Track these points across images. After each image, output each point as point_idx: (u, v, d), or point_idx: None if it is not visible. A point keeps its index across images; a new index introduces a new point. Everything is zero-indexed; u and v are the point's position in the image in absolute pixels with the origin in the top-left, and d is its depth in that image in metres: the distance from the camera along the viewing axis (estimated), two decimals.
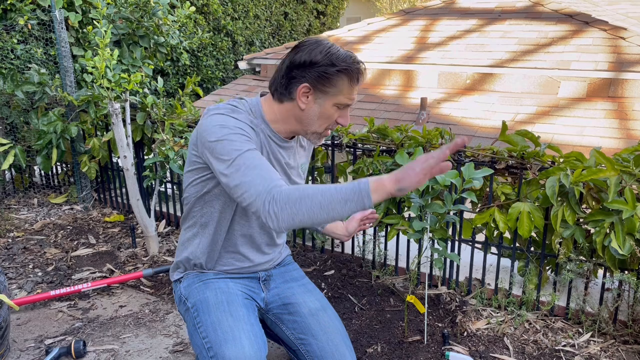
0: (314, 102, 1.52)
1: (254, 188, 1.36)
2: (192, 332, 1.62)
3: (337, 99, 1.51)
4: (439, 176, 1.98)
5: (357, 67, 1.50)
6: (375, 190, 1.29)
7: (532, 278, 2.38)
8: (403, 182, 1.28)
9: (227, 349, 1.47)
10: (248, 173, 1.39)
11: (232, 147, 1.43)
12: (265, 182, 1.36)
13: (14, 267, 2.95)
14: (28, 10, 4.02)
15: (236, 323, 1.55)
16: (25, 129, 3.91)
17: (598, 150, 2.12)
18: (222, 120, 1.47)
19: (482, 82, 5.95)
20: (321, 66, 1.48)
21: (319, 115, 1.53)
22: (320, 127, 1.56)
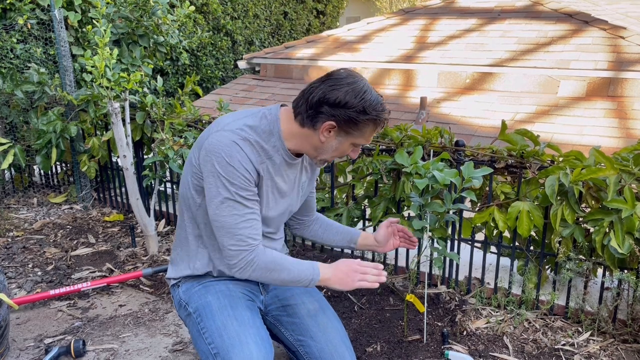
0: (334, 138, 1.54)
1: (241, 242, 1.53)
2: (197, 338, 1.62)
3: (357, 140, 1.56)
4: (438, 175, 1.98)
5: (384, 117, 1.55)
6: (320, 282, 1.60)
7: (532, 277, 2.38)
8: (341, 285, 1.60)
9: (234, 355, 1.48)
10: (237, 226, 1.53)
11: (228, 188, 1.50)
12: (253, 240, 1.54)
13: (14, 266, 2.95)
14: (27, 10, 4.02)
15: (242, 327, 1.55)
16: (24, 128, 3.91)
17: (597, 149, 2.12)
18: (229, 153, 1.49)
19: (481, 81, 5.95)
20: (353, 111, 1.48)
21: (335, 149, 1.58)
22: (332, 157, 1.62)
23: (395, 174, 2.55)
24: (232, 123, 1.54)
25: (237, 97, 6.59)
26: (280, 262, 1.56)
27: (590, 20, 6.17)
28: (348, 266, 1.60)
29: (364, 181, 2.73)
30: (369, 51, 6.69)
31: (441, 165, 2.06)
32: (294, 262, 1.58)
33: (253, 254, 1.53)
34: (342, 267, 1.61)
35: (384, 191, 2.62)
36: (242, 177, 1.50)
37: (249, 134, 1.54)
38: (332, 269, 1.60)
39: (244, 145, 1.51)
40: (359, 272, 1.60)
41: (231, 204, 1.51)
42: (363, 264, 1.62)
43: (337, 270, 1.60)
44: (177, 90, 6.61)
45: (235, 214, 1.51)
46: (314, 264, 1.61)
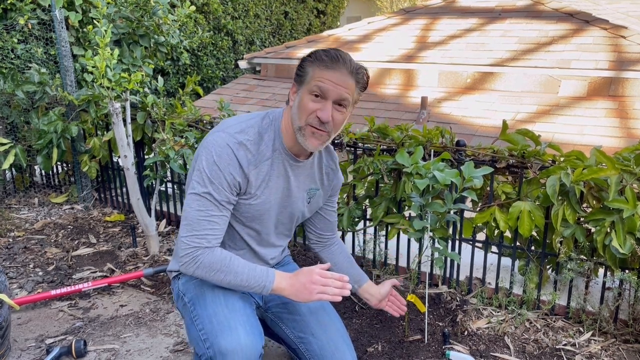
0: (296, 95, 1.56)
1: (196, 239, 1.53)
2: (189, 325, 1.63)
3: (309, 85, 1.50)
4: (439, 175, 1.98)
5: (324, 51, 1.52)
6: (274, 291, 1.55)
7: (533, 277, 2.38)
8: (297, 297, 1.53)
9: (222, 339, 1.48)
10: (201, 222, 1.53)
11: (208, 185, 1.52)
12: (208, 241, 1.53)
13: (15, 266, 2.95)
14: (28, 10, 4.02)
15: (232, 314, 1.56)
16: (25, 128, 3.91)
17: (599, 149, 2.12)
18: (219, 153, 1.52)
19: (482, 81, 5.95)
20: (301, 61, 1.55)
21: (298, 106, 1.53)
22: (301, 119, 1.52)
23: (396, 174, 2.55)
24: (233, 126, 1.57)
25: (237, 97, 6.60)
26: (228, 264, 1.53)
27: (591, 19, 6.16)
28: (308, 277, 1.52)
29: (365, 181, 2.73)
30: (369, 51, 6.69)
31: (442, 165, 2.06)
32: (246, 266, 1.54)
33: (200, 252, 1.52)
34: (301, 278, 1.53)
35: (384, 191, 2.62)
36: (224, 180, 1.52)
37: (246, 138, 1.55)
38: (290, 279, 1.54)
39: (237, 150, 1.53)
40: (318, 284, 1.51)
41: (202, 200, 1.53)
42: (325, 274, 1.53)
43: (295, 281, 1.53)
44: (177, 90, 6.61)
45: (201, 210, 1.53)
46: (270, 271, 1.56)
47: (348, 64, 1.50)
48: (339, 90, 1.49)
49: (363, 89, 1.57)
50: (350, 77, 1.50)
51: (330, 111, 1.50)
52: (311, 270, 1.53)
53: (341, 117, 1.53)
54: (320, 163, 1.77)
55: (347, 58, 1.51)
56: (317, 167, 1.75)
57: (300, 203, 1.75)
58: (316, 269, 1.52)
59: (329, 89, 1.48)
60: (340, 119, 1.53)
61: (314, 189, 1.77)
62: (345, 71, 1.49)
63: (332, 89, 1.48)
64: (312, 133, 1.53)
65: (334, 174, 1.84)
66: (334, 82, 1.48)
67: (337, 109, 1.52)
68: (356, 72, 1.52)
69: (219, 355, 1.47)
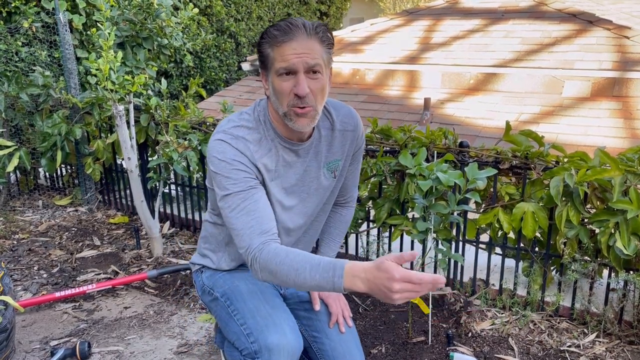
0: (267, 83, 1.50)
1: (244, 241, 1.44)
2: (227, 320, 1.63)
3: (274, 67, 1.42)
4: (442, 176, 1.98)
5: (273, 26, 1.43)
6: (347, 288, 1.27)
7: (537, 278, 2.38)
8: (377, 297, 1.25)
9: (269, 335, 1.48)
10: (239, 219, 1.45)
11: (227, 184, 1.47)
12: (252, 238, 1.42)
13: (19, 268, 2.96)
14: (32, 13, 4.04)
15: (275, 311, 1.56)
16: (29, 131, 3.93)
17: (602, 149, 2.11)
18: (222, 151, 1.48)
19: (485, 82, 5.94)
20: (257, 46, 1.49)
21: (274, 93, 1.46)
22: (283, 105, 1.45)
23: (399, 175, 2.55)
24: (225, 124, 1.53)
25: (240, 98, 6.61)
26: (284, 260, 1.35)
27: (594, 20, 6.14)
28: (387, 284, 1.20)
29: (368, 182, 2.73)
30: (372, 52, 6.69)
31: (445, 166, 2.06)
32: (307, 261, 1.33)
33: (253, 253, 1.42)
34: (379, 282, 1.22)
35: (388, 192, 2.62)
36: (237, 170, 1.47)
37: (240, 131, 1.51)
38: (366, 280, 1.24)
39: (235, 143, 1.49)
40: (401, 293, 1.20)
41: (229, 200, 1.47)
42: (409, 279, 1.19)
43: (372, 283, 1.23)
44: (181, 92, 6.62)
45: (233, 209, 1.46)
46: (337, 265, 1.29)
47: (302, 28, 1.40)
48: (304, 59, 1.39)
49: (331, 46, 1.47)
50: (310, 40, 1.40)
51: (304, 84, 1.40)
52: (391, 277, 1.19)
53: (319, 84, 1.43)
54: (331, 132, 1.65)
55: (299, 23, 1.41)
56: (326, 138, 1.64)
57: (324, 180, 1.66)
58: (396, 275, 1.18)
59: (293, 62, 1.39)
60: (318, 86, 1.43)
61: (334, 160, 1.67)
62: (303, 36, 1.39)
63: (296, 61, 1.39)
64: (296, 115, 1.44)
65: (355, 132, 1.68)
66: (295, 52, 1.38)
67: (311, 77, 1.42)
68: (315, 32, 1.42)
69: (265, 350, 1.47)
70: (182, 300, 2.62)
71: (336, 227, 1.90)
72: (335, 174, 1.69)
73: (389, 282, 1.19)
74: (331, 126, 1.64)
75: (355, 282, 1.25)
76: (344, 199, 1.89)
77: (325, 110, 1.63)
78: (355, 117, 1.69)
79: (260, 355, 1.48)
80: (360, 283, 1.25)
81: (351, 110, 1.69)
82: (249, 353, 1.52)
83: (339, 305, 1.81)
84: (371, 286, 1.23)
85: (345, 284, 1.26)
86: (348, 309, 1.82)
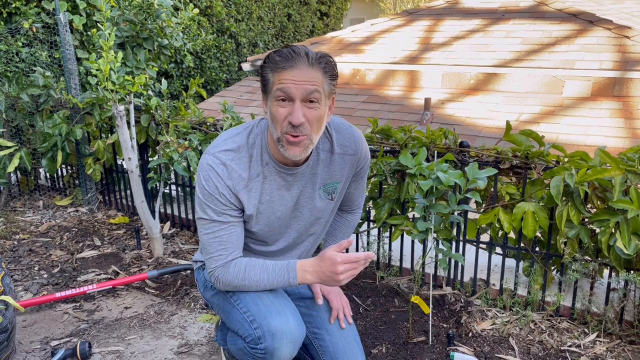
0: (266, 107, 1.49)
1: (211, 263, 1.60)
2: (230, 310, 1.65)
3: (273, 92, 1.42)
4: (442, 176, 1.98)
5: (276, 51, 1.43)
6: (300, 284, 1.55)
7: (537, 278, 2.37)
8: (326, 284, 1.53)
9: (272, 320, 1.51)
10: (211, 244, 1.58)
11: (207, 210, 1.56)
12: (218, 263, 1.58)
13: (20, 269, 2.96)
14: (33, 14, 4.04)
15: (277, 298, 1.59)
16: (30, 131, 3.93)
17: (603, 149, 2.11)
18: (207, 178, 1.54)
19: (486, 82, 5.94)
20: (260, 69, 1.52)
21: (271, 118, 1.45)
22: (277, 130, 1.44)
23: (399, 175, 2.55)
24: (218, 145, 1.55)
25: (241, 99, 6.61)
26: (244, 276, 1.57)
27: (595, 20, 6.14)
28: (331, 268, 1.47)
29: (369, 182, 2.73)
30: (373, 52, 6.70)
31: (445, 166, 2.06)
32: (264, 271, 1.56)
33: (218, 271, 1.59)
34: (325, 269, 1.49)
35: (388, 192, 2.62)
36: (217, 201, 1.54)
37: (230, 158, 1.52)
38: (314, 272, 1.52)
39: (221, 171, 1.52)
40: (344, 273, 1.47)
41: (206, 224, 1.57)
42: (348, 260, 1.46)
43: (320, 272, 1.51)
44: (181, 92, 6.63)
45: (207, 233, 1.58)
46: (290, 266, 1.55)
47: (304, 57, 1.40)
48: (303, 87, 1.38)
49: (333, 78, 1.46)
50: (312, 69, 1.40)
51: (300, 112, 1.39)
52: (334, 262, 1.45)
53: (316, 114, 1.42)
54: (330, 155, 1.63)
55: (302, 51, 1.41)
56: (325, 161, 1.62)
57: (319, 202, 1.66)
58: (337, 259, 1.45)
59: (291, 89, 1.38)
60: (315, 115, 1.41)
61: (332, 183, 1.66)
62: (305, 65, 1.39)
63: (294, 88, 1.38)
64: (289, 142, 1.43)
65: (355, 155, 1.66)
66: (294, 80, 1.38)
67: (308, 106, 1.40)
68: (317, 61, 1.41)
69: (268, 334, 1.50)
70: (182, 300, 2.62)
71: (341, 230, 1.94)
72: (332, 197, 1.69)
73: (334, 267, 1.45)
74: (330, 149, 1.62)
75: (305, 276, 1.52)
76: (351, 208, 1.92)
77: (327, 131, 1.62)
78: (357, 139, 1.66)
79: (264, 340, 1.50)
80: (309, 276, 1.51)
81: (354, 133, 1.66)
82: (253, 339, 1.53)
83: (340, 301, 1.83)
84: (320, 275, 1.49)
85: (301, 280, 1.53)
86: (349, 307, 1.84)
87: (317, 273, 1.50)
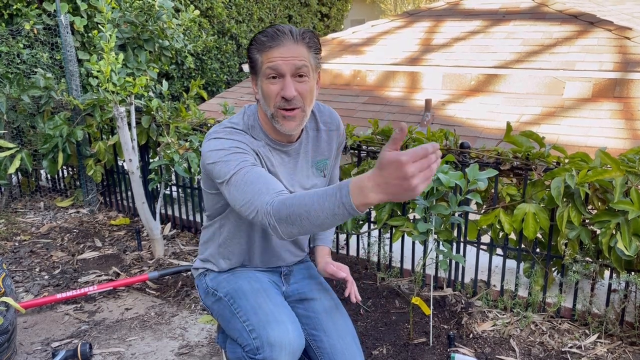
0: (257, 87, 1.56)
1: (254, 205, 1.37)
2: (229, 318, 1.65)
3: (262, 71, 1.50)
4: (443, 178, 1.98)
5: (261, 32, 1.51)
6: (360, 204, 1.17)
7: (538, 279, 2.37)
8: (398, 200, 1.12)
9: (271, 330, 1.50)
10: (247, 190, 1.40)
11: (228, 168, 1.47)
12: (262, 197, 1.36)
13: (21, 270, 2.96)
14: (34, 15, 4.05)
15: (277, 307, 1.59)
16: (31, 132, 3.94)
17: (603, 150, 2.11)
18: (219, 144, 1.52)
19: (486, 83, 5.94)
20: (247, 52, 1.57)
21: (263, 95, 1.53)
22: (271, 106, 1.52)
23: None
24: (216, 127, 1.60)
25: (242, 100, 6.61)
26: (294, 204, 1.27)
27: (595, 21, 6.14)
28: (398, 173, 1.07)
29: None
30: (373, 54, 6.70)
31: (446, 167, 2.06)
32: (313, 196, 1.24)
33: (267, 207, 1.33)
34: (390, 178, 1.09)
35: None
36: (236, 154, 1.49)
37: (234, 128, 1.58)
38: (376, 184, 1.12)
39: (231, 136, 1.54)
40: (416, 175, 1.07)
41: (233, 179, 1.45)
42: (416, 157, 1.06)
43: (383, 184, 1.11)
44: (182, 94, 6.63)
45: (239, 185, 1.43)
46: (341, 187, 1.19)
47: (289, 34, 1.48)
48: (292, 62, 1.47)
49: (318, 51, 1.55)
50: (297, 45, 1.48)
51: (291, 86, 1.48)
52: (399, 164, 1.06)
53: (307, 87, 1.51)
54: (317, 132, 1.73)
55: (286, 29, 1.49)
56: (313, 138, 1.72)
57: (314, 179, 1.74)
58: (403, 159, 1.05)
59: (280, 66, 1.47)
60: (306, 88, 1.51)
61: (322, 160, 1.75)
62: (290, 42, 1.48)
63: (283, 64, 1.47)
64: (283, 117, 1.52)
65: (337, 131, 1.78)
66: (282, 57, 1.47)
67: (298, 80, 1.50)
68: (302, 37, 1.50)
69: (267, 345, 1.49)
70: (183, 301, 2.62)
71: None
72: (324, 173, 1.77)
73: (401, 170, 1.06)
74: (316, 126, 1.73)
75: (365, 193, 1.14)
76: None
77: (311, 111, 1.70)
78: (336, 116, 1.79)
79: (262, 350, 1.49)
80: (371, 192, 1.13)
81: (331, 111, 1.79)
82: (251, 349, 1.53)
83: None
84: (385, 188, 1.10)
85: (355, 199, 1.15)
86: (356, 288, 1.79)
87: (381, 186, 1.11)
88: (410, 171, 1.05)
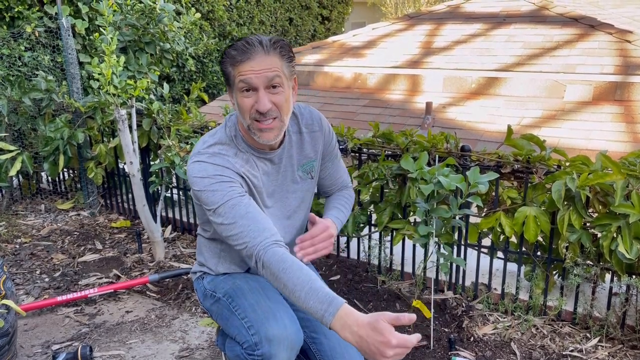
0: (233, 99, 1.56)
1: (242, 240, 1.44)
2: (228, 317, 1.65)
3: (236, 84, 1.49)
4: (444, 181, 1.98)
5: (231, 46, 1.49)
6: (332, 329, 1.26)
7: (539, 282, 2.37)
8: (362, 352, 1.23)
9: (269, 327, 1.50)
10: (236, 224, 1.45)
11: (213, 198, 1.48)
12: (253, 234, 1.43)
13: (22, 272, 2.96)
14: (35, 18, 4.06)
15: (275, 304, 1.59)
16: (32, 135, 3.94)
17: (604, 154, 2.11)
18: (202, 169, 1.51)
19: (487, 86, 5.94)
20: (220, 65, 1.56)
21: (238, 109, 1.52)
22: (246, 120, 1.51)
23: (400, 179, 2.55)
24: (199, 146, 1.58)
25: None
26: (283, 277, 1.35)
27: (596, 24, 6.15)
28: (381, 348, 1.19)
29: (370, 187, 2.73)
30: (374, 57, 6.70)
31: (447, 170, 2.06)
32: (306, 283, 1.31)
33: (259, 249, 1.41)
34: (371, 342, 1.20)
35: (389, 197, 2.62)
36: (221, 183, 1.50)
37: (216, 148, 1.56)
38: (357, 335, 1.22)
39: (214, 160, 1.53)
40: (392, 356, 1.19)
41: (220, 211, 1.48)
42: (403, 343, 1.19)
43: (363, 341, 1.21)
44: (183, 96, 6.64)
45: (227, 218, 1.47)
46: (335, 302, 1.26)
47: (259, 46, 1.46)
48: (264, 75, 1.45)
49: (291, 60, 1.52)
50: (268, 56, 1.46)
51: (265, 99, 1.46)
52: (387, 342, 1.17)
53: (282, 97, 1.49)
54: (300, 135, 1.72)
55: (255, 41, 1.46)
56: (297, 142, 1.71)
57: (301, 183, 1.73)
58: (393, 341, 1.17)
59: (252, 79, 1.45)
60: (281, 99, 1.49)
61: (308, 162, 1.74)
62: (261, 54, 1.45)
63: (255, 78, 1.45)
64: (259, 129, 1.51)
65: (321, 131, 1.74)
66: (254, 70, 1.45)
67: (272, 92, 1.47)
68: (273, 47, 1.47)
69: (265, 341, 1.49)
70: (183, 304, 2.62)
71: (339, 202, 1.88)
72: (312, 175, 1.76)
73: (383, 347, 1.18)
74: (299, 129, 1.72)
75: (344, 333, 1.23)
76: (338, 188, 1.93)
77: (293, 114, 1.69)
78: (318, 116, 1.76)
79: (261, 346, 1.50)
80: (349, 335, 1.23)
81: (312, 111, 1.76)
82: (250, 345, 1.53)
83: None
84: (361, 344, 1.21)
85: (334, 326, 1.25)
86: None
87: (361, 340, 1.21)
88: (390, 353, 1.18)
